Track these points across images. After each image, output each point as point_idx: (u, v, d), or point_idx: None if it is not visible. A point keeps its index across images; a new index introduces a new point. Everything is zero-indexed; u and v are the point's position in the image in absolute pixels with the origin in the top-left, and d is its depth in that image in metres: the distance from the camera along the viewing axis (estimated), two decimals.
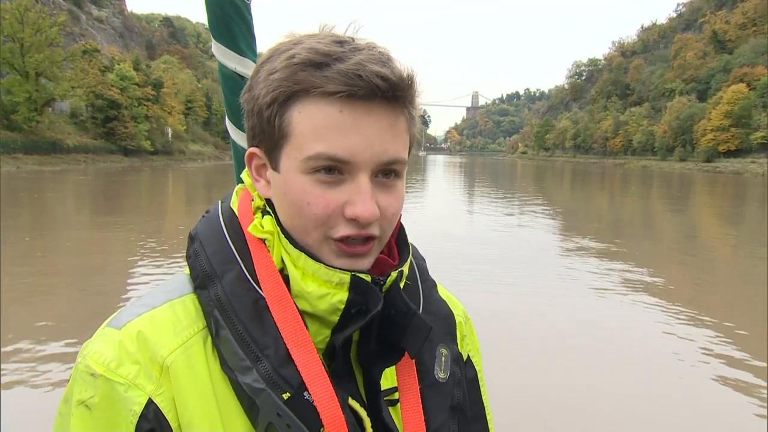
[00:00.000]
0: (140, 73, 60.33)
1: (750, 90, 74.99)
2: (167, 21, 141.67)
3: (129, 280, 8.99)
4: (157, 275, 9.00)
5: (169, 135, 67.19)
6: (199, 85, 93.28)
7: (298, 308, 0.67)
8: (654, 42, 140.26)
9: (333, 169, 0.64)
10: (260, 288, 0.67)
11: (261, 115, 0.66)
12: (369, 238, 0.67)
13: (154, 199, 25.02)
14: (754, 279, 10.37)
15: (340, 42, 0.64)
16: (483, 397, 0.88)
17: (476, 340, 0.91)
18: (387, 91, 0.62)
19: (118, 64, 58.30)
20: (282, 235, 0.69)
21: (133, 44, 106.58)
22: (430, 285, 0.83)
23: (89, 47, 58.28)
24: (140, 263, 9.98)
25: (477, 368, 0.88)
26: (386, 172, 0.67)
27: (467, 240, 13.93)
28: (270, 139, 0.67)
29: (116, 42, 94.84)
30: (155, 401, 0.64)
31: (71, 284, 8.70)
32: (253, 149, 0.70)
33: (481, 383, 0.88)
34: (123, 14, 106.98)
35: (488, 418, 0.89)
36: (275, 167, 0.68)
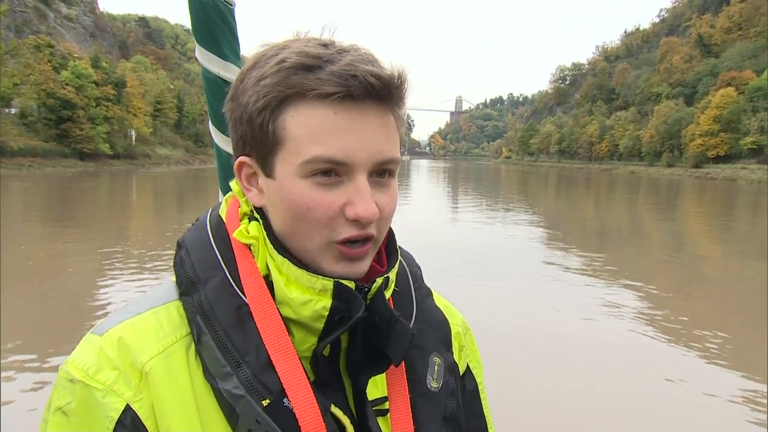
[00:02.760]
0: (99, 71, 56.24)
1: (739, 94, 73.23)
2: (143, 21, 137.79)
3: None
4: None
5: (133, 138, 63.18)
6: (171, 86, 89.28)
7: (282, 315, 0.67)
8: (637, 47, 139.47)
9: (331, 172, 0.64)
10: (244, 294, 0.67)
11: (252, 123, 0.65)
12: (368, 239, 0.67)
13: (104, 212, 20.97)
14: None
15: (325, 44, 0.65)
16: (484, 410, 0.87)
17: (477, 351, 0.90)
18: (381, 91, 0.63)
19: (73, 61, 54.05)
20: (268, 241, 0.68)
21: (106, 44, 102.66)
22: (425, 293, 0.82)
23: (42, 42, 54.01)
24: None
25: (478, 380, 0.87)
26: (381, 172, 0.67)
27: (452, 244, 13.67)
28: (263, 146, 0.66)
29: (86, 41, 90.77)
30: (133, 407, 0.63)
31: None
32: (242, 158, 0.69)
33: (482, 395, 0.87)
34: (94, 13, 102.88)
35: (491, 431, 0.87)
36: (269, 174, 0.67)
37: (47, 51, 53.25)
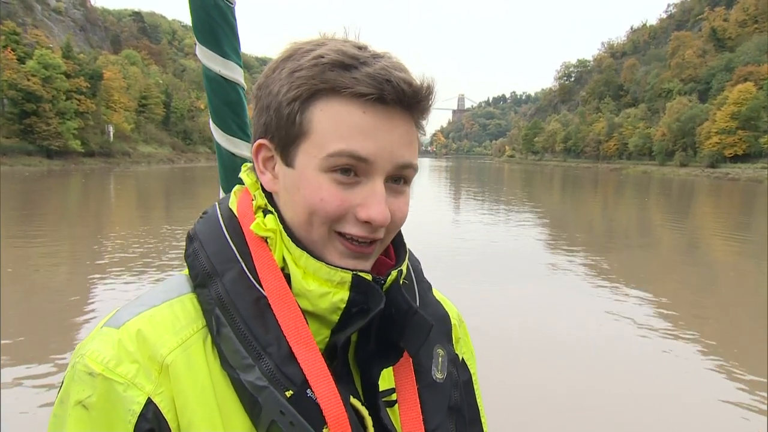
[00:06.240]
0: (70, 62, 51.98)
1: (758, 90, 68.86)
2: (137, 16, 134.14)
3: None
4: None
5: (111, 134, 59.03)
6: (160, 81, 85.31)
7: (299, 307, 0.68)
8: (645, 43, 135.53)
9: (350, 171, 0.65)
10: (261, 286, 0.68)
11: (279, 111, 0.67)
12: (374, 241, 0.68)
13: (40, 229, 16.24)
14: None
15: (360, 47, 0.66)
16: (477, 400, 0.88)
17: (470, 343, 0.91)
18: (411, 99, 0.65)
19: (39, 50, 49.70)
20: (284, 234, 0.69)
21: (96, 38, 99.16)
22: (426, 286, 0.84)
23: (4, 29, 49.66)
24: None
25: (471, 371, 0.89)
26: (397, 178, 0.68)
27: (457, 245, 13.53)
28: (287, 135, 0.67)
29: (77, 35, 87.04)
30: (154, 401, 0.63)
31: None
32: (262, 141, 0.71)
33: (475, 386, 0.89)
34: (85, 6, 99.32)
35: (483, 420, 0.89)
36: (289, 163, 0.68)
37: (3, 38, 48.69)
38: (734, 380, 5.82)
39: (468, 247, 13.44)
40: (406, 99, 0.64)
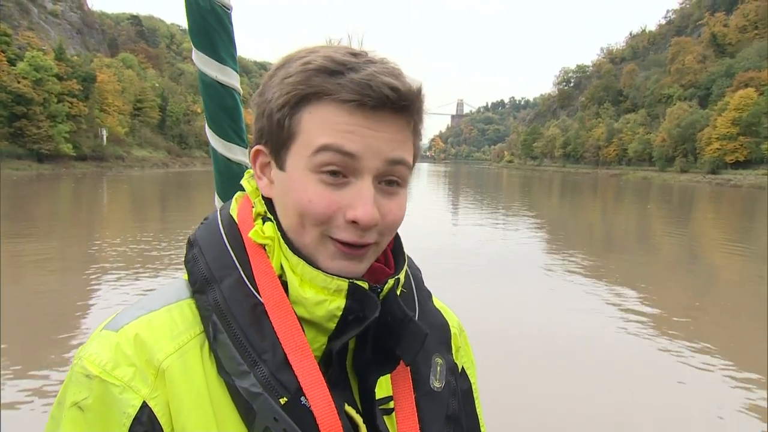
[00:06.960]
0: (62, 64, 51.12)
1: (759, 95, 68.31)
2: (135, 19, 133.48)
3: None
4: None
5: (104, 138, 58.15)
6: (156, 84, 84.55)
7: (296, 314, 0.68)
8: (644, 48, 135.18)
9: (338, 173, 0.65)
10: (259, 294, 0.68)
11: (271, 117, 0.68)
12: (364, 246, 0.68)
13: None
14: None
15: (355, 54, 0.67)
16: (477, 410, 0.88)
17: (471, 352, 0.91)
18: (396, 102, 0.65)
19: (30, 51, 48.85)
20: (282, 241, 0.69)
21: (93, 41, 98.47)
22: (426, 295, 0.83)
23: None
24: None
25: (471, 380, 0.88)
26: (389, 181, 0.68)
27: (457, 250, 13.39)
28: (278, 139, 0.68)
29: (73, 38, 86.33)
30: (149, 405, 0.64)
31: None
32: (259, 146, 0.72)
33: (475, 395, 0.88)
34: (82, 9, 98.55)
35: (482, 430, 0.88)
36: (281, 167, 0.69)
37: None
38: (734, 380, 5.85)
39: (468, 250, 13.30)
40: (390, 103, 0.64)
